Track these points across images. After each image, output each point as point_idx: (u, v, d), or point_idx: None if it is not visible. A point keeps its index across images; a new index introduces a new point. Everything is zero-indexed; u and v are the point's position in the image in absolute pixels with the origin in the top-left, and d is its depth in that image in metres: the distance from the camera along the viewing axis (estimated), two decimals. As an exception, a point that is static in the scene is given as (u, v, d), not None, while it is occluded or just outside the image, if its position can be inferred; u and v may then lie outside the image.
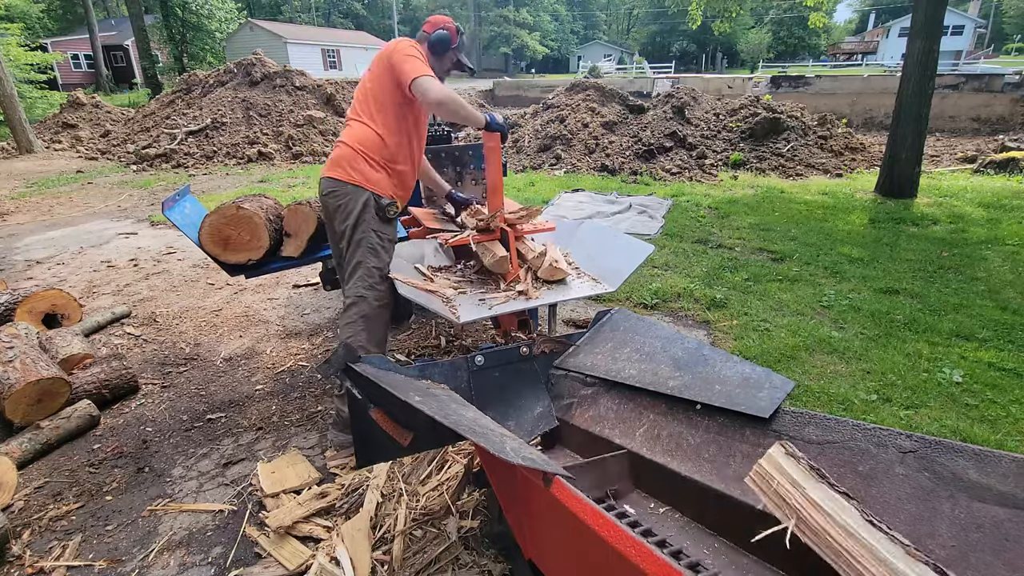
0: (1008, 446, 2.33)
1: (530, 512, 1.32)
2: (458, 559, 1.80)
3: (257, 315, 3.92)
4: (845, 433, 1.20)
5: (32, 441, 2.43)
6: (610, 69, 34.51)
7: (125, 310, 3.94)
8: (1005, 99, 12.80)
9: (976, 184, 7.41)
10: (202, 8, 26.77)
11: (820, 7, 10.82)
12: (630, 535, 0.90)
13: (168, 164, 10.09)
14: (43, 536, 2.03)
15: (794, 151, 8.80)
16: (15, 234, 6.11)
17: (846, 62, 41.89)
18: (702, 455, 1.39)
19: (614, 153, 8.98)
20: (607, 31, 65.21)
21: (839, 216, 5.96)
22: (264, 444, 2.53)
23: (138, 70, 28.20)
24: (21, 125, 11.81)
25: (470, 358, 1.83)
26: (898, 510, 1.05)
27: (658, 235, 5.43)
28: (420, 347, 3.31)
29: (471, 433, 1.14)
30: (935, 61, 6.52)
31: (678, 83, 16.08)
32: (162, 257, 5.24)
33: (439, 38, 2.49)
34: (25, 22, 24.10)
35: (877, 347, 3.20)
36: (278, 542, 1.93)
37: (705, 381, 1.48)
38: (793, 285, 4.12)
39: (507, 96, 22.68)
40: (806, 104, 11.25)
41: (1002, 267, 4.39)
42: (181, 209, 2.76)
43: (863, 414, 2.57)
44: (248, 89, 11.47)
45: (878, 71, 26.44)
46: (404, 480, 2.15)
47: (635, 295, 3.99)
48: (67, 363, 2.90)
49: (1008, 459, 0.99)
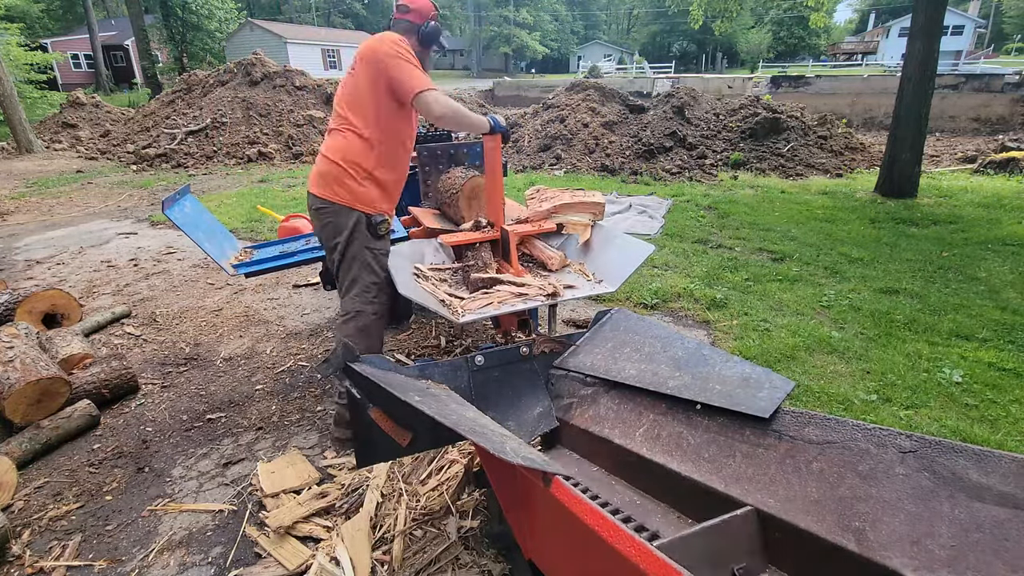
0: (1008, 446, 2.33)
1: (530, 512, 1.32)
2: (458, 559, 1.80)
3: (257, 315, 3.92)
4: (845, 433, 1.20)
5: (32, 441, 2.43)
6: (610, 69, 34.51)
7: (125, 310, 3.94)
8: (1005, 99, 12.80)
9: (976, 184, 7.41)
10: (202, 8, 26.77)
11: (821, 7, 10.82)
12: (630, 535, 0.90)
13: (168, 164, 10.09)
14: (43, 536, 2.03)
15: (794, 151, 8.79)
16: (15, 234, 6.11)
17: (846, 62, 41.85)
18: (702, 455, 1.38)
19: (614, 153, 8.98)
20: (607, 31, 65.19)
21: (839, 216, 5.96)
22: (264, 444, 2.53)
23: (138, 70, 28.20)
24: (21, 125, 11.80)
25: (470, 358, 1.83)
26: (898, 510, 1.05)
27: (658, 235, 5.43)
28: (420, 347, 3.31)
29: (471, 433, 1.14)
30: (935, 61, 6.52)
31: (678, 83, 16.09)
32: (162, 257, 5.24)
33: (434, 31, 2.39)
34: (25, 22, 24.10)
35: (877, 347, 3.20)
36: (278, 542, 1.93)
37: (705, 381, 1.48)
38: (793, 285, 4.12)
39: (507, 96, 22.68)
40: (806, 104, 11.25)
41: (1002, 267, 4.39)
42: (181, 208, 2.76)
43: (863, 414, 2.57)
44: (248, 89, 11.47)
45: (878, 71, 26.43)
46: (404, 480, 2.15)
47: (635, 295, 3.98)
48: (67, 363, 2.90)
49: (1008, 459, 0.99)
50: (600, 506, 1.06)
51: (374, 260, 2.37)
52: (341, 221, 2.31)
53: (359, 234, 2.32)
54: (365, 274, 2.36)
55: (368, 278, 2.36)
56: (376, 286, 2.37)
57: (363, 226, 2.32)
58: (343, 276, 2.40)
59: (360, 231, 2.32)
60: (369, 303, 2.36)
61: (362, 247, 2.34)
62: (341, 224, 2.31)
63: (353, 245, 2.33)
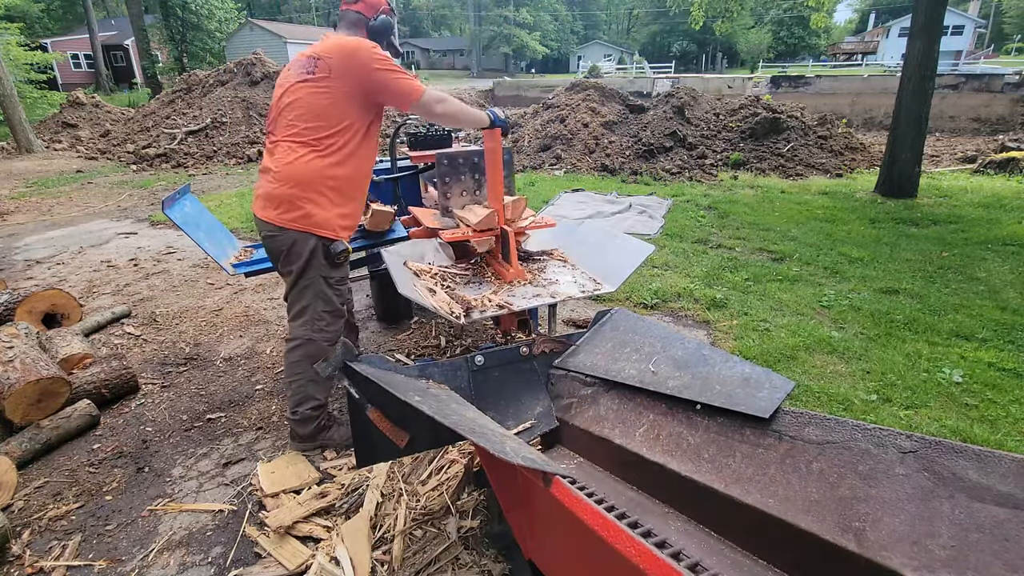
0: (1008, 446, 2.33)
1: (530, 512, 1.32)
2: (458, 559, 1.80)
3: (257, 315, 3.92)
4: (845, 433, 1.19)
5: (32, 441, 2.43)
6: (610, 69, 34.52)
7: (125, 310, 3.94)
8: (1005, 99, 12.80)
9: (976, 184, 7.41)
10: (202, 8, 26.77)
11: (821, 7, 10.83)
12: (630, 535, 0.90)
13: (168, 164, 10.08)
14: (43, 536, 2.03)
15: (794, 151, 8.79)
16: (15, 234, 6.11)
17: (846, 62, 41.86)
18: (702, 455, 1.38)
19: (614, 153, 8.98)
20: (607, 31, 65.20)
21: (839, 216, 5.96)
22: (264, 444, 2.53)
23: (138, 70, 28.21)
24: (21, 125, 11.80)
25: (470, 358, 1.83)
26: (898, 510, 1.05)
27: (658, 235, 5.43)
28: (420, 347, 3.31)
29: (471, 433, 1.14)
30: (935, 61, 6.52)
31: (678, 83, 16.09)
32: (162, 257, 5.24)
33: (383, 25, 2.21)
34: (25, 22, 24.11)
35: (877, 347, 3.20)
36: (278, 542, 1.93)
37: (705, 381, 1.48)
38: (793, 285, 4.12)
39: (507, 96, 22.71)
40: (806, 104, 11.26)
41: (1002, 267, 4.39)
42: (181, 208, 2.76)
43: (863, 414, 2.57)
44: (248, 89, 11.47)
45: (878, 71, 26.43)
46: (404, 480, 2.15)
47: (635, 295, 3.98)
48: (67, 363, 2.90)
49: (1008, 459, 0.99)
50: (600, 506, 1.06)
51: (329, 289, 2.22)
52: (296, 248, 2.12)
53: (315, 262, 2.14)
54: (318, 303, 2.21)
55: (320, 306, 2.22)
56: (329, 314, 2.24)
57: (320, 254, 2.14)
58: (294, 301, 2.24)
59: (317, 259, 2.14)
60: (320, 331, 2.24)
61: (318, 276, 2.17)
62: (295, 251, 2.12)
63: (308, 273, 2.16)
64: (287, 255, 2.15)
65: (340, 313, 2.30)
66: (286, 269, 2.20)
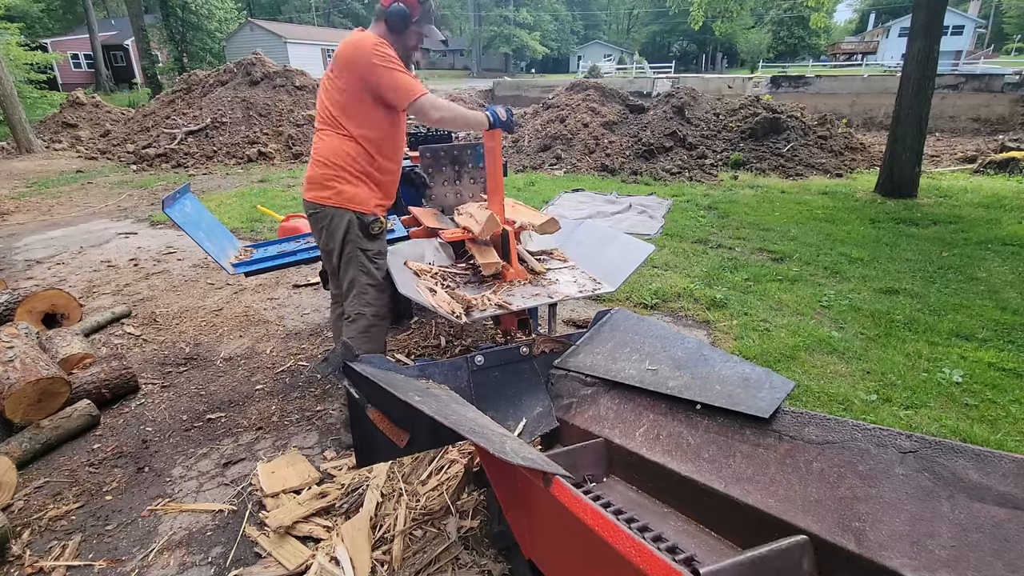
0: (1008, 446, 2.33)
1: (530, 512, 1.32)
2: (458, 559, 1.80)
3: (257, 315, 3.92)
4: (845, 433, 1.20)
5: (32, 441, 2.43)
6: (610, 69, 34.50)
7: (125, 310, 3.94)
8: (1005, 99, 12.80)
9: (976, 184, 7.41)
10: (202, 8, 26.77)
11: (821, 7, 10.83)
12: (630, 535, 0.90)
13: (168, 164, 10.08)
14: (43, 536, 2.03)
15: (794, 151, 8.79)
16: (15, 234, 6.11)
17: (846, 62, 41.86)
18: (702, 455, 1.38)
19: (614, 153, 8.98)
20: (607, 31, 65.17)
21: (839, 216, 5.96)
22: (264, 444, 2.53)
23: (138, 70, 28.21)
24: (21, 125, 11.80)
25: (470, 358, 1.83)
26: (898, 510, 1.05)
27: (658, 235, 5.43)
28: (420, 347, 3.31)
29: (471, 433, 1.14)
30: (935, 61, 6.52)
31: (678, 83, 16.09)
32: (162, 257, 5.24)
33: (396, 13, 2.19)
34: (25, 22, 24.10)
35: (877, 347, 3.20)
36: (278, 542, 1.93)
37: (705, 381, 1.48)
38: (793, 285, 4.12)
39: (507, 96, 22.71)
40: (806, 104, 11.25)
41: (1002, 267, 4.39)
42: (181, 207, 2.76)
43: (863, 414, 2.57)
44: (248, 89, 11.46)
45: (878, 71, 26.42)
46: (404, 480, 2.15)
47: (635, 295, 3.98)
48: (67, 363, 2.90)
49: (1008, 459, 0.99)
50: (600, 506, 1.06)
51: (368, 262, 2.34)
52: (334, 225, 2.29)
53: (352, 235, 2.30)
54: (361, 276, 2.34)
55: (363, 279, 2.34)
56: (372, 287, 2.35)
57: (356, 227, 2.29)
58: (343, 278, 2.40)
59: (353, 232, 2.30)
60: (367, 305, 2.35)
61: (356, 249, 2.32)
62: (334, 227, 2.30)
63: (347, 247, 2.32)
64: (328, 230, 2.32)
65: (383, 287, 2.38)
66: (328, 247, 2.36)
